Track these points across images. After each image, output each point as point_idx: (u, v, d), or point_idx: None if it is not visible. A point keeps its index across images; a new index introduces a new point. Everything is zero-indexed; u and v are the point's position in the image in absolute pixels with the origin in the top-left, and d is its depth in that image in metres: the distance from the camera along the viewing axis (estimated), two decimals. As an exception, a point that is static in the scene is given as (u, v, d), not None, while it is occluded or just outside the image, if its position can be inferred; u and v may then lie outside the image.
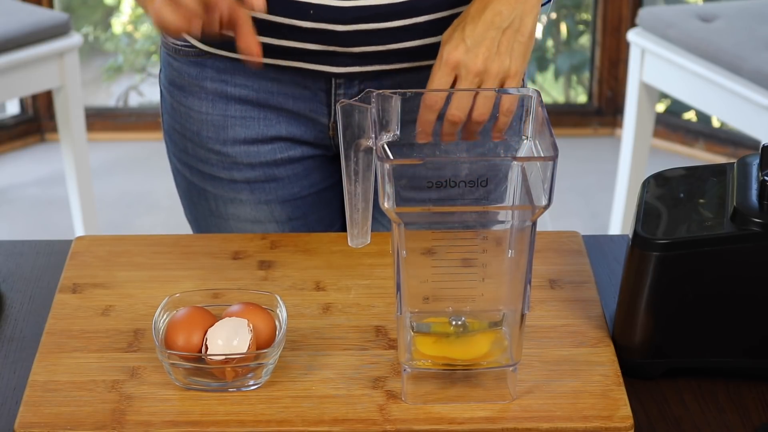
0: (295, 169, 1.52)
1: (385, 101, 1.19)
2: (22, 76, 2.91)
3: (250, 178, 1.52)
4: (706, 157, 3.60)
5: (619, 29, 3.62)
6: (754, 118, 2.68)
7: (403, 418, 1.16)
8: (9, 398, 1.21)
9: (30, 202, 3.45)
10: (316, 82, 1.45)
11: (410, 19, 1.39)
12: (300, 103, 1.47)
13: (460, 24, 1.32)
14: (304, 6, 1.37)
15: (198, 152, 1.52)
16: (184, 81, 1.50)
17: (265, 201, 1.53)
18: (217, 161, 1.51)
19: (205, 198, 1.55)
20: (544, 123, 1.15)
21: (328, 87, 1.45)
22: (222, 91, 1.48)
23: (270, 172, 1.52)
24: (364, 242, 1.27)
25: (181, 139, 1.54)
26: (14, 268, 1.42)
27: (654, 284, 1.20)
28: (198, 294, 1.27)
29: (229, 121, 1.49)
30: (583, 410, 1.17)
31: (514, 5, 1.30)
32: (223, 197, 1.54)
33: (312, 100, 1.46)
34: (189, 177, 1.56)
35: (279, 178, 1.52)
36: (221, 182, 1.53)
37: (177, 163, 1.58)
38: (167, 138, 1.58)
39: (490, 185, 1.11)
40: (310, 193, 1.55)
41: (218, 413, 1.16)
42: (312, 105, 1.47)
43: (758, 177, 1.22)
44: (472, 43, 1.30)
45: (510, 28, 1.31)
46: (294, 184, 1.53)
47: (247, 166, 1.51)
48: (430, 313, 1.18)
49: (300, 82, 1.45)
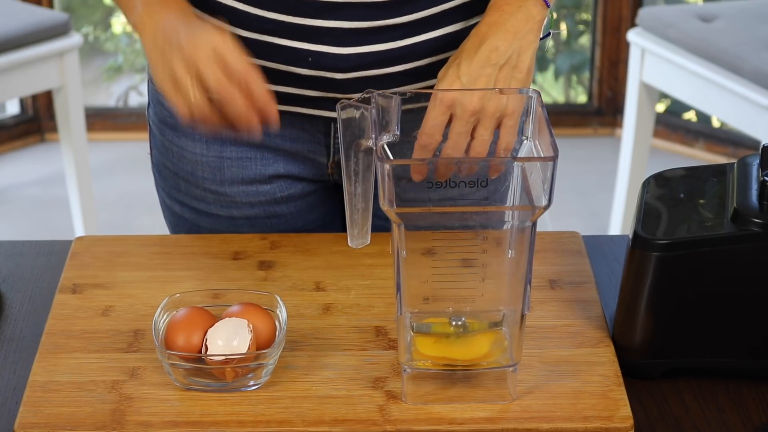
0: (298, 206, 1.49)
1: (385, 101, 1.19)
2: (22, 76, 2.91)
3: (250, 215, 1.48)
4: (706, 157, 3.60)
5: (619, 29, 3.62)
6: (754, 118, 2.68)
7: (403, 419, 1.16)
8: (9, 398, 1.21)
9: (30, 202, 3.45)
10: (314, 125, 1.42)
11: (410, 63, 1.36)
12: (298, 145, 1.44)
13: (456, 60, 1.27)
14: (303, 53, 1.34)
15: (192, 191, 1.48)
16: (176, 121, 1.43)
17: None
18: (213, 200, 1.47)
19: (197, 232, 1.50)
20: (544, 123, 1.15)
21: (326, 130, 1.42)
22: (217, 133, 1.39)
23: (271, 210, 1.48)
24: (364, 242, 1.27)
25: (172, 177, 1.49)
26: (14, 268, 1.42)
27: (654, 284, 1.20)
28: (198, 294, 1.27)
29: (226, 163, 1.44)
30: (583, 410, 1.17)
31: (511, 41, 1.26)
32: (220, 232, 1.49)
33: (311, 141, 1.44)
34: (179, 212, 1.51)
35: (281, 215, 1.49)
36: (218, 219, 1.49)
37: (166, 198, 1.52)
38: (156, 172, 1.51)
39: (490, 185, 1.11)
40: (316, 226, 1.51)
41: (218, 413, 1.16)
42: (310, 146, 1.44)
43: (758, 177, 1.22)
44: (467, 80, 1.25)
45: (507, 65, 1.26)
46: (297, 220, 1.50)
47: (247, 204, 1.47)
48: (430, 314, 1.18)
49: (298, 124, 1.41)
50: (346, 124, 1.19)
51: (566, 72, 3.92)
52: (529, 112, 1.20)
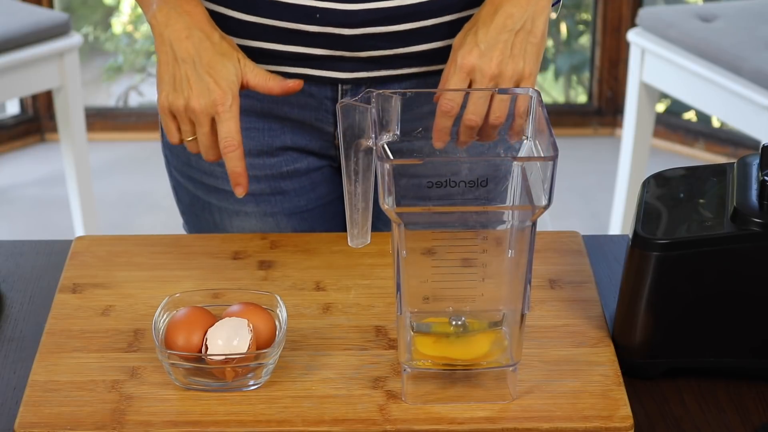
0: (301, 182, 1.51)
1: (385, 101, 1.19)
2: (22, 76, 2.91)
3: (255, 191, 1.50)
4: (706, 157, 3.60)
5: (619, 29, 3.62)
6: (754, 118, 2.68)
7: (403, 418, 1.16)
8: (9, 398, 1.21)
9: (30, 202, 3.45)
10: (321, 89, 1.43)
11: (418, 22, 1.38)
12: (305, 112, 1.45)
13: (472, 28, 1.31)
14: (311, 10, 1.36)
15: (202, 165, 1.51)
16: None
17: (271, 213, 1.52)
18: (221, 174, 1.49)
19: (209, 211, 1.54)
20: (544, 123, 1.15)
21: (333, 94, 1.44)
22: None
23: (276, 185, 1.50)
24: (364, 242, 1.27)
25: (183, 152, 1.52)
26: (14, 268, 1.42)
27: (654, 284, 1.20)
28: (198, 294, 1.27)
29: None
30: (583, 410, 1.17)
31: (525, 7, 1.30)
32: (228, 210, 1.52)
33: (317, 108, 1.45)
34: (192, 190, 1.54)
35: (285, 191, 1.51)
36: (226, 195, 1.51)
37: (179, 177, 1.55)
38: (167, 151, 1.55)
39: (490, 185, 1.11)
40: (316, 206, 1.53)
41: (218, 413, 1.16)
42: (317, 114, 1.46)
43: (758, 177, 1.22)
44: (485, 47, 1.29)
45: (522, 30, 1.30)
46: (300, 197, 1.52)
47: (253, 178, 1.49)
48: (430, 313, 1.18)
49: (305, 90, 1.43)
50: (346, 124, 1.19)
51: (566, 72, 3.92)
52: (529, 112, 1.20)
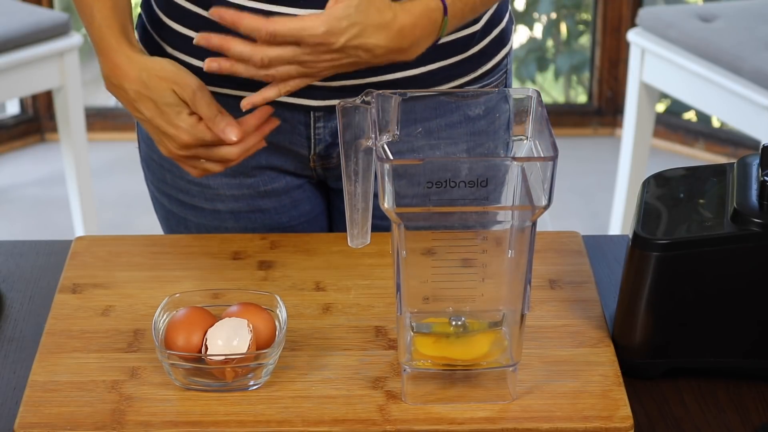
0: (281, 201, 1.50)
1: (385, 101, 1.19)
2: (22, 76, 2.91)
3: (234, 209, 1.49)
4: (706, 157, 3.60)
5: (619, 29, 3.62)
6: (754, 118, 2.68)
7: (403, 418, 1.16)
8: (9, 398, 1.21)
9: (30, 202, 3.45)
10: (294, 114, 1.42)
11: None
12: (279, 136, 1.43)
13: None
14: None
15: (177, 183, 1.49)
16: None
17: (252, 229, 1.50)
18: (198, 192, 1.48)
19: (185, 226, 1.52)
20: (544, 123, 1.15)
21: (307, 120, 1.42)
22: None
23: (255, 204, 1.49)
24: (364, 242, 1.27)
25: (159, 169, 1.51)
26: (14, 268, 1.42)
27: (654, 284, 1.20)
28: (198, 294, 1.27)
29: None
30: (583, 410, 1.17)
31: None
32: (206, 226, 1.51)
33: (291, 132, 1.44)
34: (168, 206, 1.53)
35: (264, 210, 1.50)
36: (203, 212, 1.50)
37: (155, 192, 1.54)
38: (144, 166, 1.54)
39: (490, 185, 1.11)
40: (300, 222, 1.52)
41: (218, 413, 1.17)
42: (292, 137, 1.44)
43: (758, 177, 1.22)
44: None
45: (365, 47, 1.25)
46: (281, 215, 1.51)
47: (230, 197, 1.48)
48: (430, 313, 1.18)
49: (279, 114, 1.40)
50: (346, 124, 1.19)
51: (566, 72, 3.92)
52: (529, 112, 1.20)
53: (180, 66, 1.32)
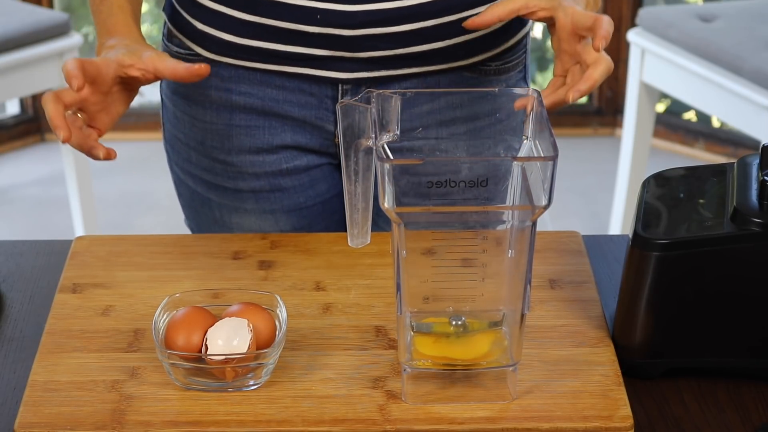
0: (300, 179, 1.51)
1: (385, 101, 1.19)
2: (22, 76, 2.91)
3: (255, 188, 1.51)
4: (706, 157, 3.60)
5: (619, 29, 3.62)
6: (754, 118, 2.68)
7: (403, 418, 1.16)
8: (9, 398, 1.21)
9: (30, 202, 3.45)
10: (322, 88, 1.44)
11: (418, 23, 1.38)
12: (306, 111, 1.46)
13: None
14: (311, 10, 1.36)
15: (202, 161, 1.51)
16: (188, 89, 1.48)
17: (270, 210, 1.52)
18: (221, 170, 1.51)
19: (209, 207, 1.55)
20: (544, 123, 1.15)
21: (334, 93, 1.44)
22: (226, 100, 1.46)
23: (275, 182, 1.51)
24: (364, 242, 1.27)
25: (184, 148, 1.53)
26: (14, 268, 1.42)
27: (654, 284, 1.20)
28: (198, 294, 1.27)
29: (234, 131, 1.48)
30: (583, 410, 1.17)
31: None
32: (227, 206, 1.53)
33: (318, 107, 1.45)
34: (192, 186, 1.55)
35: (284, 188, 1.51)
36: (226, 191, 1.52)
37: (180, 172, 1.56)
38: (168, 147, 1.56)
39: (490, 185, 1.11)
40: (315, 203, 1.54)
41: (218, 413, 1.17)
42: (318, 112, 1.46)
43: (758, 177, 1.22)
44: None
45: None
46: (299, 194, 1.52)
47: (252, 176, 1.50)
48: (430, 313, 1.18)
49: (306, 89, 1.43)
50: (346, 124, 1.19)
51: (566, 72, 3.92)
52: (529, 112, 1.20)
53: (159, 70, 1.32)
